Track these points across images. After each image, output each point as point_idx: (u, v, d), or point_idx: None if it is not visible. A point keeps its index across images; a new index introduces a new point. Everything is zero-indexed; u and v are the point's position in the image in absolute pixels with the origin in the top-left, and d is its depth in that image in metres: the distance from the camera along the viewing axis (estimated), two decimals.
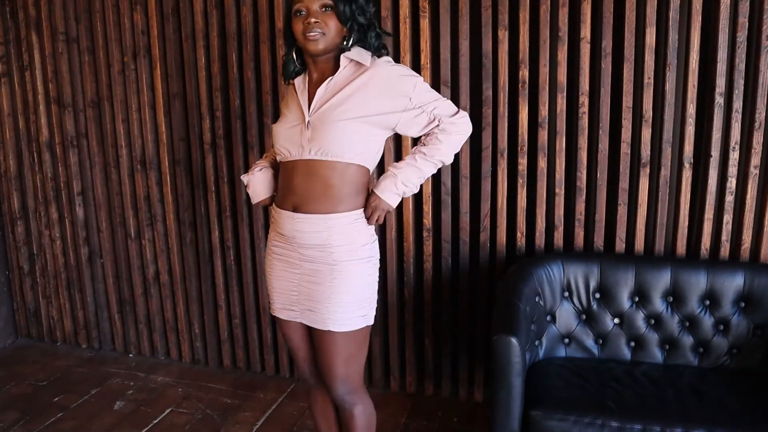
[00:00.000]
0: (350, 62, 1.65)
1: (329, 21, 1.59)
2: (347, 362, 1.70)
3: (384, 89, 1.62)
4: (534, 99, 2.33)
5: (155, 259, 2.96)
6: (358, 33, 1.64)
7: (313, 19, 1.58)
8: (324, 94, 1.64)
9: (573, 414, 1.78)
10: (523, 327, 1.89)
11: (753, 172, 2.16)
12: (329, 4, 1.59)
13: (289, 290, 1.73)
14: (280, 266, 1.74)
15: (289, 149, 1.66)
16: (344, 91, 1.62)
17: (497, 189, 2.41)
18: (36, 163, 3.07)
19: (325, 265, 1.65)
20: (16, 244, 3.21)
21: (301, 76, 1.72)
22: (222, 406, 2.62)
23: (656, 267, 2.16)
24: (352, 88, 1.62)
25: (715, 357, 2.12)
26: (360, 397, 1.76)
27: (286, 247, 1.72)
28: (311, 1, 1.59)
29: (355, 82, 1.62)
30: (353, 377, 1.73)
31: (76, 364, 3.03)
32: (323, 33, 1.59)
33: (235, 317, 2.87)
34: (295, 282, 1.71)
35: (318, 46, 1.60)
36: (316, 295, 1.67)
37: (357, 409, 1.76)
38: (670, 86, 2.19)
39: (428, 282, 2.56)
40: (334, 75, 1.65)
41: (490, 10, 2.30)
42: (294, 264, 1.71)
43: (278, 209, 1.72)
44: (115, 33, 2.76)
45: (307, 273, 1.68)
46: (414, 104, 1.63)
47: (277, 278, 1.76)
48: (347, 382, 1.72)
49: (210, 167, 2.72)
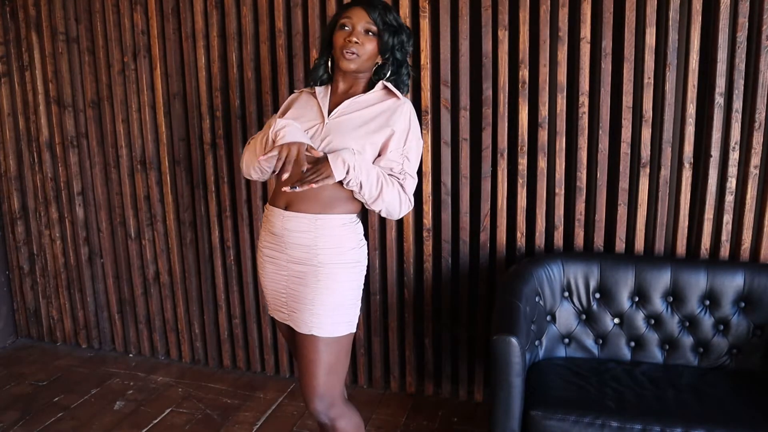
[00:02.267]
0: (383, 88, 1.72)
1: (368, 45, 1.68)
2: (327, 373, 1.66)
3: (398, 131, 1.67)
4: (534, 99, 2.33)
5: (155, 259, 2.96)
6: (392, 66, 1.73)
7: (354, 38, 1.66)
8: (348, 106, 1.70)
9: (573, 414, 1.78)
10: (523, 327, 1.89)
11: (753, 172, 2.16)
12: (374, 30, 1.68)
13: (279, 291, 1.75)
14: (270, 268, 1.75)
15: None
16: (367, 112, 1.69)
17: (497, 189, 2.41)
18: (36, 163, 3.07)
19: (311, 267, 1.66)
20: (16, 244, 3.21)
21: (324, 86, 1.77)
22: (222, 406, 2.62)
23: (656, 267, 2.16)
24: (374, 112, 1.69)
25: (715, 357, 2.12)
26: (341, 410, 1.71)
27: (276, 248, 1.72)
28: (359, 20, 1.67)
29: (379, 107, 1.70)
30: (331, 391, 1.67)
31: (76, 364, 3.03)
32: (359, 55, 1.67)
33: (235, 317, 2.87)
34: (283, 284, 1.73)
35: (351, 65, 1.68)
36: (301, 297, 1.67)
37: (340, 423, 1.70)
38: (670, 86, 2.19)
39: (428, 282, 2.56)
40: (363, 92, 1.73)
41: (490, 10, 2.30)
42: (282, 266, 1.72)
43: (271, 207, 1.74)
44: (115, 33, 2.76)
45: (294, 275, 1.69)
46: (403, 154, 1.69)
47: (268, 280, 1.77)
48: (325, 396, 1.66)
49: (210, 167, 2.72)
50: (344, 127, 1.66)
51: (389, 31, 1.69)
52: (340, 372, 1.70)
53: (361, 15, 1.68)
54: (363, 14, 1.68)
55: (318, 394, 1.66)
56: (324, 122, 1.69)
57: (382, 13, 1.69)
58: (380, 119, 1.68)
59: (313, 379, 1.66)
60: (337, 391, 1.70)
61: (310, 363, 1.66)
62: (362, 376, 2.73)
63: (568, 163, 2.35)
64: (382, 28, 1.68)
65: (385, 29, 1.68)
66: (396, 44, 1.71)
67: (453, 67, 2.38)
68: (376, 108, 1.70)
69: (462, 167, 2.43)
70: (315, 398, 1.66)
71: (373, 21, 1.67)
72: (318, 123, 1.69)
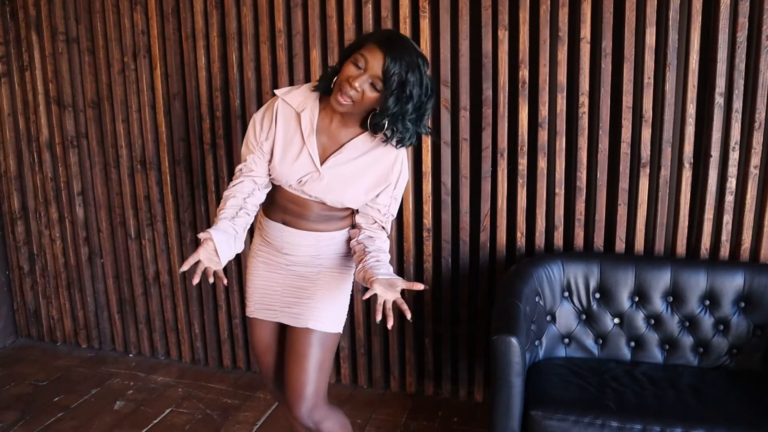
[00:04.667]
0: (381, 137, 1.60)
1: (368, 96, 1.51)
2: (317, 369, 1.67)
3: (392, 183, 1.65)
4: (534, 99, 2.33)
5: (155, 259, 2.96)
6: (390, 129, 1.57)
7: (357, 83, 1.48)
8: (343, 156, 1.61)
9: (573, 414, 1.78)
10: (523, 327, 1.89)
11: (753, 172, 2.16)
12: (380, 87, 1.49)
13: (272, 289, 1.75)
14: (264, 268, 1.76)
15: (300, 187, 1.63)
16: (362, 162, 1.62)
17: (497, 189, 2.41)
18: (36, 163, 3.07)
19: (312, 268, 1.72)
20: (16, 244, 3.21)
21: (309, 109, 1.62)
22: (222, 406, 2.62)
23: (656, 267, 2.16)
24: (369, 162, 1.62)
25: (715, 357, 2.12)
26: (325, 411, 1.70)
27: (273, 253, 1.74)
28: (372, 68, 1.48)
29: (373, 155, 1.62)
30: (318, 391, 1.68)
31: (76, 364, 3.03)
32: (354, 102, 1.51)
33: (235, 317, 2.87)
34: (280, 282, 1.74)
35: (342, 109, 1.54)
36: (301, 292, 1.71)
37: (325, 426, 1.70)
38: (670, 86, 2.19)
39: (428, 282, 2.56)
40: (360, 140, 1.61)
41: (490, 10, 2.30)
42: (280, 266, 1.74)
43: (267, 218, 1.73)
44: (115, 33, 2.76)
45: (294, 273, 1.72)
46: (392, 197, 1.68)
47: (259, 278, 1.77)
48: (311, 397, 1.66)
49: (210, 167, 2.72)
50: (339, 182, 1.61)
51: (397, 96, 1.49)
52: (326, 371, 1.71)
53: (378, 62, 1.47)
54: (380, 62, 1.47)
55: (305, 394, 1.65)
56: (318, 171, 1.61)
57: (401, 71, 1.47)
58: (376, 173, 1.63)
59: (303, 375, 1.65)
60: (323, 392, 1.70)
61: (302, 358, 1.66)
62: (362, 376, 2.73)
63: (568, 163, 2.35)
64: (393, 89, 1.48)
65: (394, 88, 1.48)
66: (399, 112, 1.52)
67: (453, 67, 2.38)
68: (370, 156, 1.62)
69: (462, 167, 2.43)
70: (301, 399, 1.66)
71: (385, 72, 1.46)
72: (311, 171, 1.61)
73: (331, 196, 1.63)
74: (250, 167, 1.68)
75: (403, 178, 1.68)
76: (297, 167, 1.62)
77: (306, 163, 1.62)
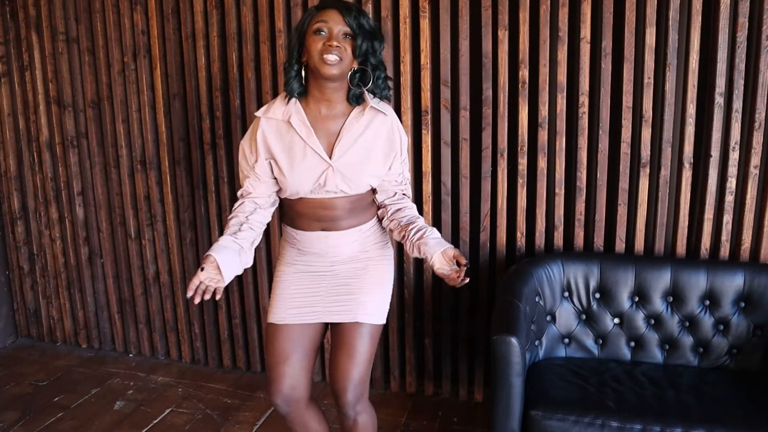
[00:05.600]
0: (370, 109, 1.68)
1: (348, 48, 1.60)
2: (365, 361, 1.71)
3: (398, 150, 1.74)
4: (534, 99, 2.33)
5: (155, 259, 2.96)
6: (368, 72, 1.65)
7: (335, 42, 1.57)
8: (346, 142, 1.66)
9: (573, 414, 1.78)
10: (523, 327, 1.89)
11: (753, 172, 2.16)
12: (350, 33, 1.61)
13: (314, 294, 1.76)
14: (303, 276, 1.77)
15: (317, 190, 1.67)
16: (365, 142, 1.68)
17: (497, 189, 2.41)
18: (36, 163, 3.07)
19: (360, 263, 1.76)
20: (16, 244, 3.21)
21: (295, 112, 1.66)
22: (222, 406, 2.62)
23: (656, 267, 2.16)
24: (371, 139, 1.68)
25: (715, 357, 2.12)
26: (366, 404, 1.76)
27: (313, 260, 1.76)
28: (335, 24, 1.59)
29: (373, 132, 1.69)
30: (364, 382, 1.72)
31: (76, 364, 3.03)
32: (341, 59, 1.59)
33: (235, 317, 2.87)
34: (323, 285, 1.75)
35: (333, 71, 1.59)
36: (348, 288, 1.74)
37: (362, 418, 1.75)
38: (670, 86, 2.19)
39: (428, 282, 2.56)
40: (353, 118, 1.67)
41: (490, 10, 2.30)
42: (323, 269, 1.76)
43: (301, 231, 1.74)
44: (115, 33, 2.76)
45: (339, 273, 1.75)
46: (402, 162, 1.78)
47: (295, 286, 1.77)
48: (358, 386, 1.70)
49: (210, 167, 2.72)
50: (353, 166, 1.66)
51: (363, 35, 1.62)
52: (371, 364, 1.75)
53: (337, 18, 1.60)
54: (339, 17, 1.60)
55: (354, 383, 1.69)
56: (330, 166, 1.65)
57: (357, 16, 1.62)
58: (380, 148, 1.70)
59: (353, 367, 1.69)
60: (367, 384, 1.75)
61: (352, 349, 1.70)
62: None
63: (568, 163, 2.35)
64: (358, 32, 1.61)
65: (360, 33, 1.61)
66: (370, 49, 1.64)
67: (453, 67, 2.38)
68: (369, 132, 1.68)
69: (462, 167, 2.43)
70: (350, 388, 1.69)
71: (348, 24, 1.60)
72: (324, 168, 1.65)
73: (352, 183, 1.67)
74: (248, 190, 1.75)
75: (404, 139, 1.76)
76: (308, 169, 1.65)
77: (315, 163, 1.65)
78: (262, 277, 2.76)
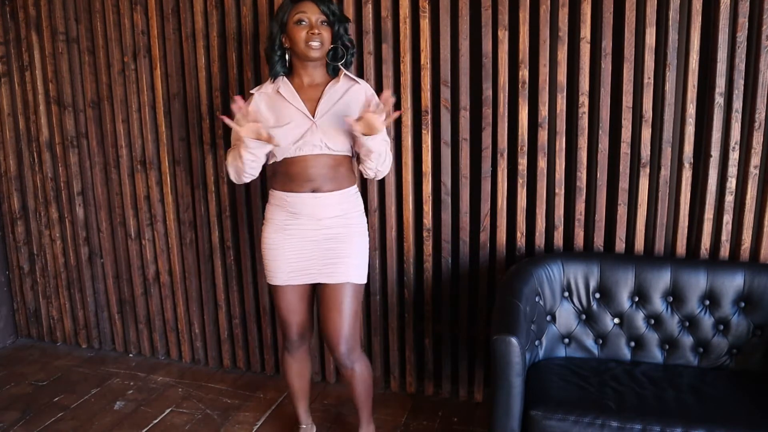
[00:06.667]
0: (345, 77, 2.00)
1: (325, 33, 1.93)
2: (353, 316, 1.98)
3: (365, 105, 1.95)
4: (534, 99, 2.33)
5: (155, 259, 2.96)
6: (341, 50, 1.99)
7: (316, 30, 1.90)
8: (327, 103, 1.96)
9: (573, 414, 1.78)
10: (523, 327, 1.89)
11: (753, 172, 2.16)
12: (325, 20, 1.94)
13: (305, 258, 1.99)
14: (294, 240, 1.99)
15: (300, 147, 1.93)
16: (342, 104, 1.97)
17: (497, 189, 2.41)
18: (36, 163, 3.07)
19: (345, 228, 1.99)
20: (16, 244, 3.21)
21: (283, 84, 1.99)
22: (222, 406, 2.62)
23: (656, 267, 2.16)
24: (348, 101, 1.98)
25: (715, 357, 2.12)
26: (359, 355, 2.05)
27: (303, 222, 1.98)
28: (313, 14, 1.91)
29: (350, 93, 1.99)
30: (355, 335, 2.01)
31: (76, 364, 3.03)
32: (321, 44, 1.92)
33: (235, 317, 2.87)
34: (313, 248, 1.99)
35: (317, 53, 1.93)
36: (338, 252, 1.97)
37: (357, 366, 2.04)
38: (670, 86, 2.19)
39: (428, 282, 2.56)
40: (332, 84, 1.99)
41: (490, 10, 2.30)
42: (312, 233, 1.98)
43: (291, 193, 1.97)
44: (115, 33, 2.76)
45: (328, 237, 1.98)
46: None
47: (290, 250, 2.00)
48: (349, 339, 1.98)
49: (210, 167, 2.72)
50: (333, 123, 1.94)
51: (337, 21, 1.95)
52: (359, 319, 2.05)
53: (313, 8, 1.92)
54: (314, 8, 1.92)
55: (345, 336, 1.97)
56: (313, 123, 1.93)
57: (329, 5, 1.94)
58: (358, 106, 1.96)
59: (343, 321, 1.97)
60: (358, 336, 2.04)
61: (341, 306, 1.97)
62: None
63: (568, 163, 2.35)
64: (332, 19, 1.94)
65: (334, 19, 1.94)
66: (342, 30, 1.98)
67: (453, 67, 2.38)
68: (347, 97, 1.98)
69: (462, 167, 2.43)
70: (342, 341, 1.97)
71: (323, 13, 1.92)
72: (308, 125, 1.94)
73: (332, 138, 1.93)
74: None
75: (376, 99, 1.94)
76: (294, 127, 1.93)
77: (300, 122, 1.94)
78: (261, 278, 2.76)
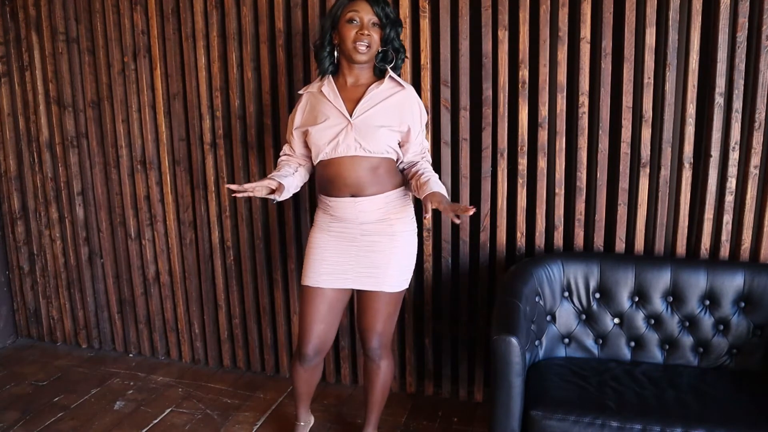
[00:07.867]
0: (391, 79, 1.94)
1: (375, 35, 1.89)
2: (387, 320, 2.01)
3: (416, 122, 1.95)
4: (534, 99, 2.33)
5: (155, 259, 2.96)
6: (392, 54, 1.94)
7: (366, 31, 1.86)
8: (366, 103, 1.91)
9: (573, 414, 1.78)
10: (523, 327, 1.89)
11: (753, 172, 2.16)
12: (377, 21, 1.89)
13: (344, 262, 1.98)
14: (336, 242, 1.98)
15: (335, 148, 1.90)
16: (385, 104, 1.91)
17: (497, 189, 2.41)
18: (36, 163, 3.07)
19: (385, 236, 1.95)
20: (16, 244, 3.21)
21: (327, 83, 1.95)
22: (222, 406, 2.62)
23: (656, 267, 2.16)
24: (391, 102, 1.92)
25: (715, 357, 2.12)
26: (388, 352, 2.07)
27: (345, 226, 1.97)
28: (366, 14, 1.87)
29: (394, 97, 1.92)
30: (387, 334, 2.04)
31: (76, 364, 3.03)
32: (369, 46, 1.88)
33: (235, 317, 2.87)
34: (353, 254, 1.97)
35: (363, 57, 1.89)
36: (376, 261, 1.95)
37: (384, 363, 2.07)
38: (670, 86, 2.19)
39: (428, 282, 2.56)
40: (375, 85, 1.92)
41: (490, 10, 2.30)
42: (354, 238, 1.96)
43: (332, 198, 1.96)
44: (115, 33, 2.76)
45: (367, 244, 1.95)
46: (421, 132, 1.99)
47: (329, 251, 1.99)
48: (382, 336, 2.01)
49: (210, 167, 2.72)
50: (370, 125, 1.88)
51: (390, 24, 1.89)
52: (395, 319, 2.05)
53: (367, 9, 1.86)
54: (368, 8, 1.86)
55: (378, 334, 2.01)
56: (350, 122, 1.89)
57: (384, 7, 1.88)
58: (397, 114, 1.91)
59: (376, 324, 2.00)
60: (390, 335, 2.06)
61: (377, 312, 1.99)
62: (363, 376, 2.73)
63: (568, 163, 2.35)
64: (385, 22, 1.88)
65: (387, 22, 1.88)
66: (393, 34, 1.91)
67: (453, 67, 2.38)
68: (390, 102, 1.91)
69: (462, 167, 2.43)
70: (374, 337, 2.01)
71: (376, 14, 1.87)
72: (344, 124, 1.89)
73: (367, 140, 1.87)
74: (286, 152, 2.09)
75: (423, 111, 1.98)
76: (330, 126, 1.90)
77: (336, 121, 1.90)
78: (261, 278, 2.76)
